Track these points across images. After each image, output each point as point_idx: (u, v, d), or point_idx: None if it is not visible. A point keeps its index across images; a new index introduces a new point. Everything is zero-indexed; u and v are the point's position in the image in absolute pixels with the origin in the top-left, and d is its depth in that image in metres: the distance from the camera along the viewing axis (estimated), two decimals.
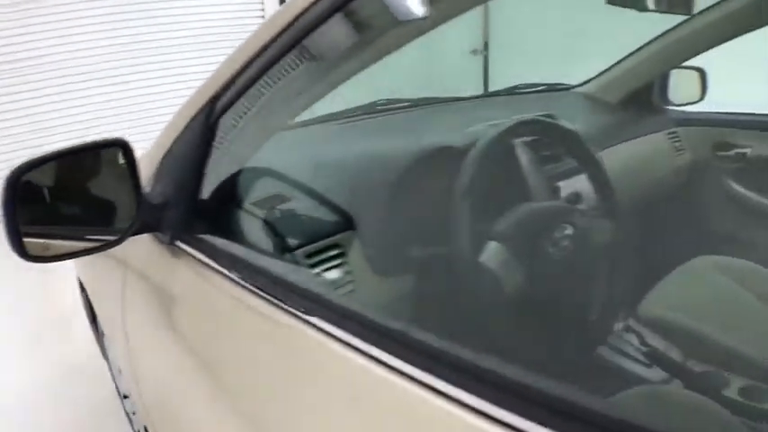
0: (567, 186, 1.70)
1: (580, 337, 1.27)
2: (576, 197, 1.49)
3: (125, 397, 2.33)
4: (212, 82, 1.18)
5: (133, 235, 1.20)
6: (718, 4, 2.11)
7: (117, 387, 2.52)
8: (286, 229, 1.25)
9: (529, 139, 1.80)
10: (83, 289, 2.47)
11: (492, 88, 5.90)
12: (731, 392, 1.64)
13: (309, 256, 1.21)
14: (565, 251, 1.25)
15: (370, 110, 2.00)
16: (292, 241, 1.22)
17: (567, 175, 1.75)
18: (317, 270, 1.21)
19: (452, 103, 2.30)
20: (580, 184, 1.54)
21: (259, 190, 1.35)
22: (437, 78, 5.55)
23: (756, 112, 2.46)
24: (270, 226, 1.25)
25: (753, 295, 1.99)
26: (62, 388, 2.95)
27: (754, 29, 2.06)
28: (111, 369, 2.52)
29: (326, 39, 0.99)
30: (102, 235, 1.18)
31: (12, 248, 1.04)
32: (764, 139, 2.37)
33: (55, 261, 1.12)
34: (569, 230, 1.27)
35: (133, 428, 2.36)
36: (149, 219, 1.23)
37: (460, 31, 5.86)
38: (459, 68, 5.85)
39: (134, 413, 2.18)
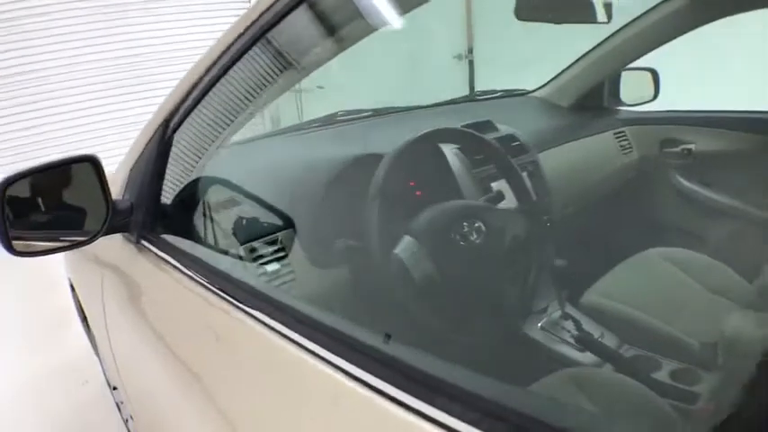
0: (489, 188, 1.88)
1: (491, 322, 1.45)
2: (498, 197, 1.66)
3: (114, 388, 2.51)
4: (166, 104, 1.39)
5: (105, 235, 1.38)
6: (660, 4, 2.26)
7: (107, 379, 2.71)
8: (234, 229, 1.43)
9: (457, 146, 2.00)
10: (73, 289, 2.67)
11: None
12: (661, 376, 1.80)
13: (253, 251, 1.40)
14: (474, 244, 1.43)
15: (330, 121, 2.20)
16: (239, 239, 1.41)
17: (492, 178, 1.93)
18: (260, 263, 1.40)
19: (411, 111, 2.46)
20: (502, 186, 1.72)
21: (211, 196, 1.54)
22: (422, 84, 5.73)
23: (699, 108, 2.63)
24: (219, 226, 1.44)
25: (698, 283, 2.13)
26: (58, 383, 3.21)
27: (694, 27, 2.22)
28: (101, 363, 2.71)
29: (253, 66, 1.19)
30: (78, 236, 1.37)
31: (2, 245, 1.24)
32: (707, 134, 2.52)
33: (37, 256, 1.30)
34: (479, 225, 1.45)
35: (122, 417, 2.54)
36: (118, 221, 1.42)
37: (444, 37, 6.03)
38: (444, 74, 5.98)
39: (121, 402, 2.36)
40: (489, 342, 1.51)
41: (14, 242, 1.24)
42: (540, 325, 2.13)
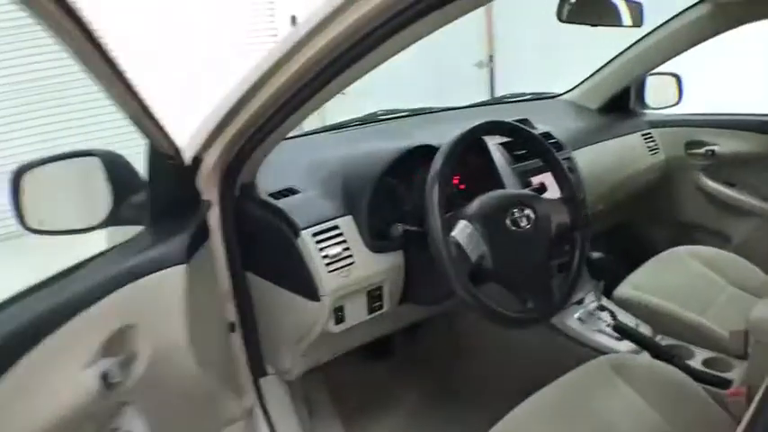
0: (529, 182, 1.91)
1: (537, 306, 1.53)
2: (541, 189, 1.74)
3: None
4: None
5: (112, 225, 1.37)
6: (683, 12, 2.34)
7: None
8: (297, 213, 1.54)
9: (502, 140, 2.08)
10: None
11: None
12: (695, 363, 1.88)
13: (316, 234, 1.51)
14: (524, 229, 1.52)
15: (371, 119, 2.30)
16: (304, 221, 1.52)
17: (533, 172, 1.98)
18: (322, 246, 1.50)
19: (447, 111, 2.55)
20: (544, 179, 1.80)
21: (269, 185, 1.65)
22: (445, 91, 5.85)
23: (722, 112, 2.71)
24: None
25: (722, 279, 2.19)
26: None
27: (717, 34, 2.27)
28: None
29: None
30: (88, 222, 1.33)
31: (18, 222, 1.26)
32: (730, 136, 2.62)
33: (49, 235, 1.29)
34: (529, 212, 1.54)
35: None
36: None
37: (465, 46, 6.13)
38: (465, 81, 6.09)
39: None
40: (533, 327, 1.60)
41: (28, 217, 1.27)
42: (577, 316, 2.23)
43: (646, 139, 2.71)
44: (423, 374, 2.38)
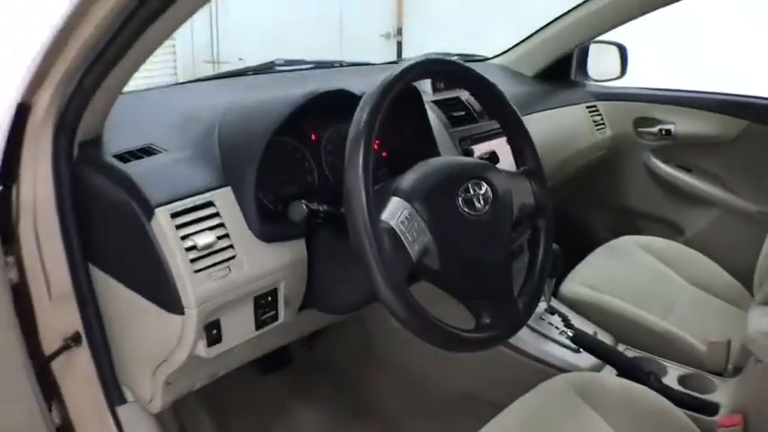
0: (477, 149, 1.53)
1: (495, 311, 1.10)
2: (493, 160, 1.33)
3: None
4: None
5: None
6: None
7: None
8: (152, 182, 1.05)
9: (438, 97, 1.64)
10: None
11: None
12: (669, 380, 1.57)
13: (178, 215, 1.02)
14: (480, 212, 1.08)
15: (266, 68, 1.80)
16: (161, 195, 1.03)
17: (479, 138, 1.59)
18: (185, 233, 1.01)
19: (359, 66, 2.13)
20: (498, 144, 1.37)
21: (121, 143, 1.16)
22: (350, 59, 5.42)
23: (677, 88, 2.37)
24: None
25: (678, 275, 1.92)
26: None
27: (665, 5, 1.99)
28: None
29: None
30: None
31: None
32: (688, 115, 2.26)
33: None
34: (486, 189, 1.10)
35: None
36: None
37: (374, 18, 5.80)
38: (373, 53, 5.71)
39: None
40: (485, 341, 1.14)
41: None
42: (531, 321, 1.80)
43: (591, 112, 2.36)
44: (328, 389, 1.91)
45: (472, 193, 1.09)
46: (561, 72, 2.42)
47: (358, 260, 0.96)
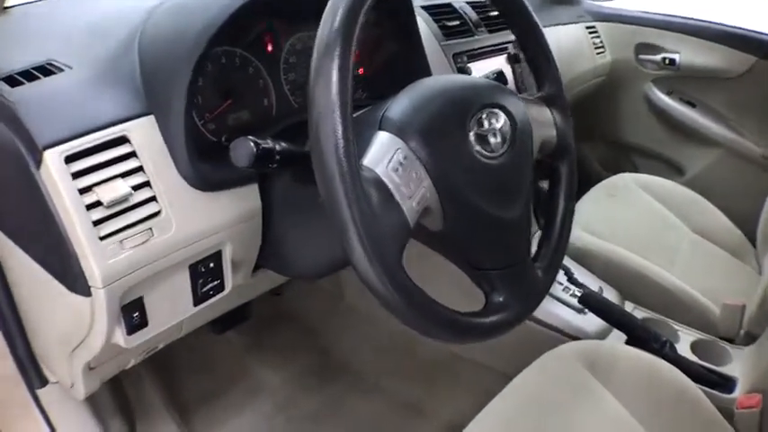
0: (480, 66, 1.19)
1: (510, 285, 0.77)
2: (500, 80, 0.99)
3: None
4: None
5: None
6: None
7: None
8: (46, 113, 0.70)
9: (429, 2, 1.27)
10: None
11: None
12: (682, 349, 1.27)
13: (75, 158, 0.67)
14: (497, 153, 0.74)
15: None
16: (56, 130, 0.67)
17: (477, 54, 1.24)
18: (87, 181, 0.67)
19: None
20: (498, 63, 1.03)
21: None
22: None
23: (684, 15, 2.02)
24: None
25: (679, 219, 1.64)
26: None
27: None
28: None
29: None
30: None
31: None
32: (692, 45, 1.93)
33: None
34: (504, 121, 0.76)
35: None
36: None
37: None
38: None
39: None
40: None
41: None
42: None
43: (591, 33, 2.00)
44: (293, 345, 1.58)
45: (487, 126, 0.75)
46: None
47: (335, 222, 0.64)
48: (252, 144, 0.68)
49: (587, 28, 1.99)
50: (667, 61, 1.97)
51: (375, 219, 0.61)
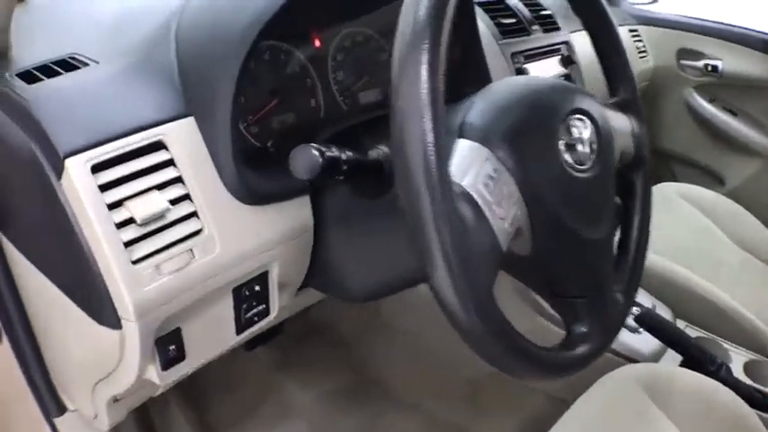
0: (536, 67, 1.07)
1: (593, 313, 0.65)
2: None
3: None
4: None
5: None
6: None
7: None
8: (69, 113, 0.58)
9: None
10: None
11: None
12: (737, 371, 1.17)
13: (102, 167, 0.54)
14: (586, 165, 0.63)
15: None
16: (81, 134, 0.55)
17: (534, 54, 1.12)
18: (117, 195, 0.55)
19: None
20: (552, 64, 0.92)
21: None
22: None
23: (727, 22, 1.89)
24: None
25: (724, 233, 1.54)
26: None
27: None
28: None
29: None
30: None
31: None
32: (735, 52, 1.81)
33: None
34: (589, 129, 0.64)
35: None
36: None
37: None
38: None
39: None
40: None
41: None
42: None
43: (633, 37, 1.87)
44: (325, 362, 1.46)
45: (576, 134, 0.63)
46: None
47: (393, 231, 0.58)
48: (316, 152, 0.56)
49: (631, 31, 1.86)
50: (710, 68, 1.85)
51: (465, 239, 0.49)
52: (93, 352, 0.66)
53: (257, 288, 0.70)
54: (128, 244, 0.57)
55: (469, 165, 0.55)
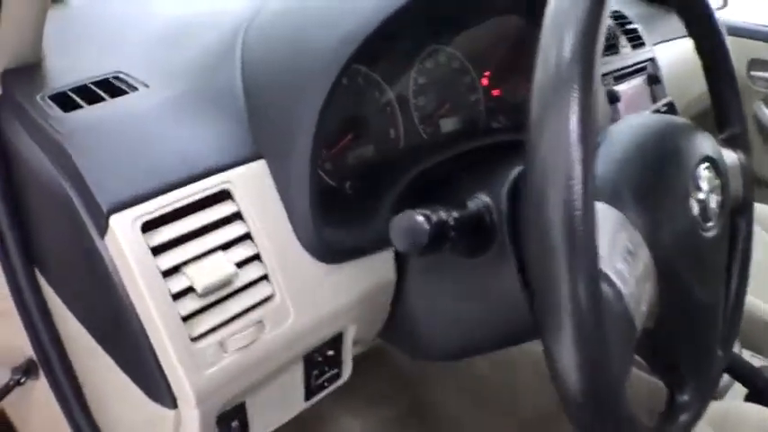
0: (623, 89, 0.93)
1: (698, 379, 0.53)
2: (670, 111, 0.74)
3: None
4: None
5: None
6: None
7: None
8: (111, 154, 0.46)
9: None
10: None
11: None
12: None
13: (154, 225, 0.43)
14: (711, 220, 0.51)
15: None
16: (127, 182, 0.43)
17: (628, 73, 0.99)
18: (174, 258, 0.43)
19: None
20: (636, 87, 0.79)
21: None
22: None
23: None
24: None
25: None
26: None
27: None
28: None
29: None
30: None
31: None
32: None
33: None
34: (716, 180, 0.52)
35: None
36: None
37: None
38: None
39: None
40: None
41: None
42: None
43: None
44: (381, 390, 1.30)
45: (705, 187, 0.52)
46: None
47: (488, 291, 0.50)
48: (421, 219, 0.44)
49: None
50: None
51: (601, 330, 0.37)
52: (145, 421, 0.55)
53: (330, 353, 0.59)
54: (186, 318, 0.45)
55: (603, 234, 0.43)
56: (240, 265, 0.47)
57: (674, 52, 1.44)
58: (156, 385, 0.47)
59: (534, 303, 0.38)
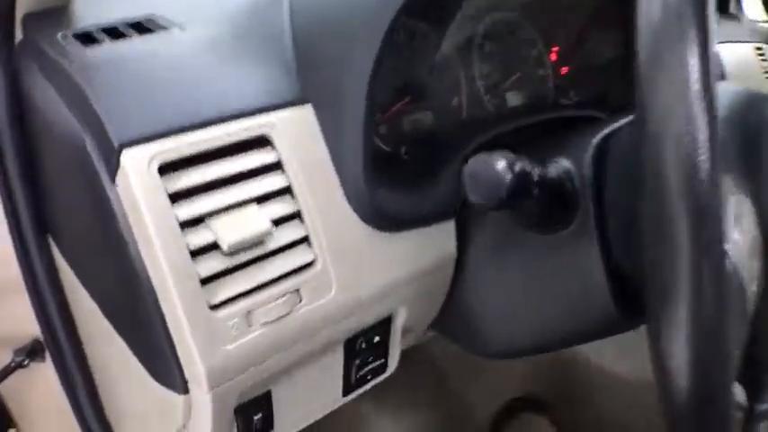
0: None
1: None
2: None
3: None
4: None
5: None
6: None
7: None
8: (136, 90, 0.38)
9: None
10: None
11: None
12: None
13: (174, 167, 0.35)
14: None
15: None
16: (136, 121, 0.35)
17: None
18: (196, 208, 0.35)
19: None
20: None
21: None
22: None
23: None
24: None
25: None
26: None
27: None
28: None
29: None
30: None
31: None
32: None
33: None
34: None
35: None
36: None
37: None
38: None
39: None
40: None
41: None
42: None
43: (760, 55, 1.58)
44: (422, 396, 1.21)
45: None
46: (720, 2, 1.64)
47: (565, 276, 0.42)
48: (503, 164, 0.34)
49: (756, 49, 1.58)
50: None
51: (721, 319, 0.29)
52: (151, 413, 0.46)
53: (376, 339, 0.49)
54: (206, 281, 0.36)
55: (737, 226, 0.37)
56: (277, 223, 0.38)
57: (735, 54, 1.34)
58: (164, 364, 0.38)
59: (644, 288, 0.30)
